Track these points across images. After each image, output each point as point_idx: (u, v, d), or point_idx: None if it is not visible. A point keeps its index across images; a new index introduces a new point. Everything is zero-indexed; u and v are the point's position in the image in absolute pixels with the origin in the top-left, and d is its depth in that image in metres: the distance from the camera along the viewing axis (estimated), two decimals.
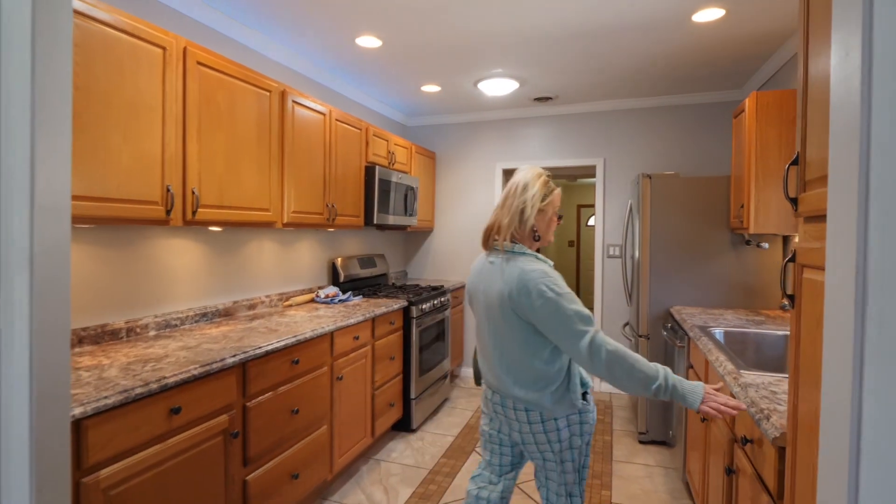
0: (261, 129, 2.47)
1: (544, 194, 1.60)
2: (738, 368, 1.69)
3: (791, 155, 2.67)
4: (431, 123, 4.93)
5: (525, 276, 1.46)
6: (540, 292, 1.43)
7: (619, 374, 1.38)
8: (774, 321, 2.67)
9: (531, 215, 1.57)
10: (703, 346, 2.09)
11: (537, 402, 1.51)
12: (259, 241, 2.96)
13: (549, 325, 1.42)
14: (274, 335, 2.23)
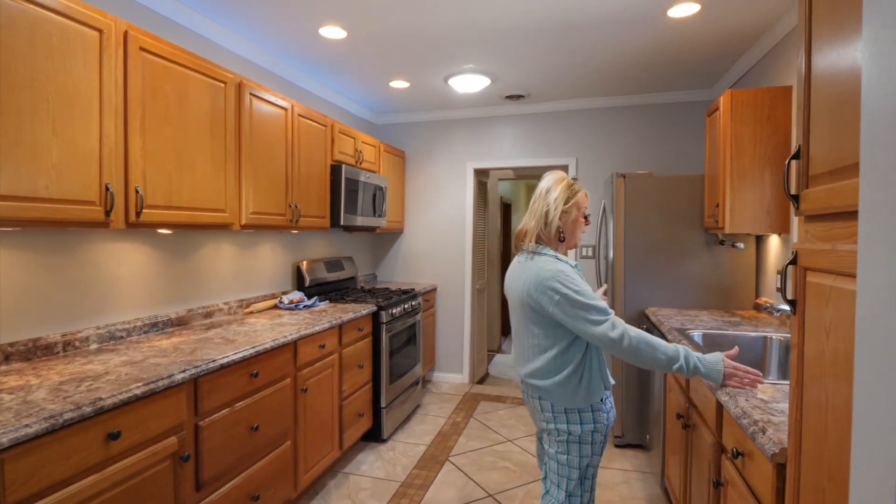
0: (215, 123, 2.28)
1: (567, 197, 1.67)
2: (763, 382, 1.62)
3: (766, 154, 2.65)
4: (400, 121, 4.78)
5: (541, 275, 1.57)
6: (554, 289, 1.53)
7: (645, 355, 1.48)
8: (749, 322, 2.65)
9: (555, 217, 1.65)
10: None
11: (549, 392, 1.60)
12: (216, 245, 2.76)
13: (569, 318, 1.52)
14: (230, 346, 2.05)
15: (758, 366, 2.31)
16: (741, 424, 1.29)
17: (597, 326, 1.49)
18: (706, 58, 3.21)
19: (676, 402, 2.22)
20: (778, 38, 2.78)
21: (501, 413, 3.91)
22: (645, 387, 3.17)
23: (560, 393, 1.58)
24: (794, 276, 1.03)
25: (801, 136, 1.02)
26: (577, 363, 1.57)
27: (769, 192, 2.66)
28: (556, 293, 1.52)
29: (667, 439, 2.42)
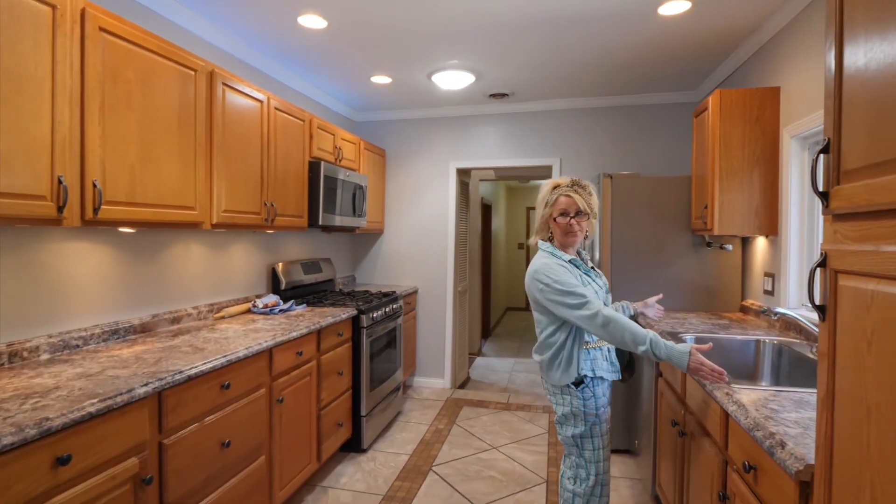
0: (184, 114, 2.12)
1: (546, 200, 1.91)
2: (727, 383, 1.55)
3: (755, 155, 2.62)
4: (381, 119, 4.64)
5: (531, 269, 1.86)
6: (540, 280, 1.80)
7: (615, 332, 1.64)
8: (738, 324, 2.61)
9: (538, 217, 1.95)
10: None
11: (542, 368, 1.91)
12: (184, 245, 2.58)
13: (553, 304, 1.76)
14: (199, 355, 1.89)
15: (750, 370, 2.26)
16: (755, 437, 1.22)
17: (574, 310, 1.71)
18: (693, 58, 3.18)
19: (670, 408, 2.15)
20: (764, 39, 2.75)
21: (485, 419, 3.81)
22: (633, 391, 3.11)
23: (547, 369, 1.88)
24: (823, 279, 0.95)
25: (830, 128, 0.94)
26: (559, 345, 1.83)
27: (757, 194, 2.63)
28: (541, 283, 1.79)
29: (659, 446, 2.36)
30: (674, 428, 2.05)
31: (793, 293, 2.47)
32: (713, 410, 1.59)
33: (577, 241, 1.89)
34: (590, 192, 1.90)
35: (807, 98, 2.34)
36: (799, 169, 2.45)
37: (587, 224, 1.89)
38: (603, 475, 1.90)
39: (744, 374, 2.25)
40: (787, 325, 2.40)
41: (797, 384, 1.97)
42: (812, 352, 1.94)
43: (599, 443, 1.88)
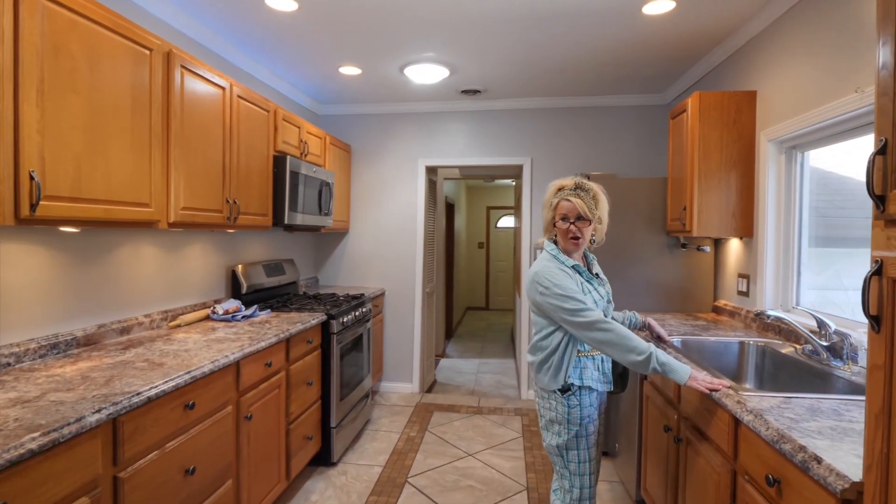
0: (138, 98, 1.88)
1: (550, 202, 1.88)
2: (735, 390, 1.50)
3: (732, 158, 2.64)
4: (346, 113, 4.44)
5: (532, 271, 1.82)
6: (539, 282, 1.76)
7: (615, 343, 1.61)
8: (718, 325, 2.63)
9: (544, 219, 1.92)
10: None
11: (535, 368, 1.85)
12: (134, 246, 2.32)
13: (551, 307, 1.72)
14: (158, 371, 1.67)
15: (734, 372, 2.27)
16: (781, 450, 1.16)
17: (572, 315, 1.67)
18: (669, 60, 3.19)
19: (661, 413, 2.11)
20: (739, 44, 2.79)
21: (457, 424, 3.70)
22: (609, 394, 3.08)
23: (537, 371, 1.84)
24: (880, 289, 0.89)
25: (887, 128, 0.88)
26: (552, 349, 1.79)
27: (734, 196, 2.65)
28: (541, 286, 1.74)
29: (646, 450, 2.32)
30: (666, 433, 2.01)
31: (769, 294, 2.50)
32: (719, 419, 1.54)
33: (579, 247, 1.81)
34: (594, 196, 1.82)
35: (784, 102, 2.37)
36: (776, 172, 2.49)
37: (592, 229, 1.81)
38: (589, 489, 1.83)
39: (728, 376, 2.25)
40: (766, 326, 2.42)
41: (784, 386, 1.97)
42: (801, 353, 1.95)
43: (585, 455, 1.81)
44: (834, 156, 2.33)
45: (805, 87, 2.22)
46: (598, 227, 1.85)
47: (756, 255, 2.60)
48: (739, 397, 1.44)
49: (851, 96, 1.87)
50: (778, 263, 2.49)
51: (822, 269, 2.30)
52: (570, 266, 1.79)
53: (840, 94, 1.96)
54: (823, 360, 1.82)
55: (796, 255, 2.44)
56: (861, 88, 1.81)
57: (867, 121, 1.87)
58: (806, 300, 2.41)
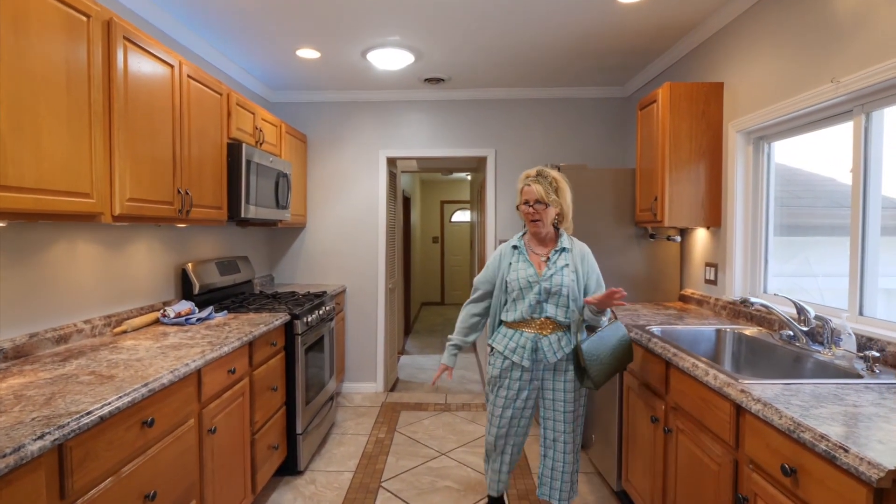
0: (75, 71, 1.63)
1: (518, 189, 2.09)
2: (734, 378, 1.49)
3: (701, 148, 2.68)
4: (301, 100, 4.19)
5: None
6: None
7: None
8: (689, 314, 2.67)
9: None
10: (663, 351, 1.89)
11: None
12: (70, 243, 2.04)
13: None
14: (109, 385, 1.45)
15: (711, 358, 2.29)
16: (800, 439, 1.14)
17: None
18: (636, 50, 3.20)
19: (645, 403, 2.10)
20: (706, 35, 2.83)
21: (427, 423, 3.59)
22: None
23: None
24: None
25: None
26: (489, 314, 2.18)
27: (703, 186, 2.69)
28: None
29: (628, 442, 2.31)
30: (654, 424, 1.99)
31: (738, 282, 2.56)
32: (718, 408, 1.52)
33: (539, 228, 2.02)
34: (552, 182, 2.02)
35: (752, 94, 2.42)
36: (744, 162, 2.54)
37: (550, 212, 2.00)
38: (494, 441, 2.11)
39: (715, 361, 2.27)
40: (736, 313, 2.48)
41: (765, 372, 2.01)
42: (779, 339, 1.99)
43: (494, 410, 2.09)
44: (785, 149, 2.41)
45: (773, 78, 2.27)
46: (562, 212, 2.03)
47: (724, 244, 2.65)
48: (742, 386, 1.42)
49: (825, 86, 1.92)
50: (746, 252, 2.55)
51: (789, 258, 2.37)
52: (512, 246, 2.10)
53: (812, 84, 2.00)
54: (803, 345, 1.86)
55: (763, 244, 2.51)
56: (836, 79, 1.85)
57: (842, 110, 1.92)
58: (772, 287, 2.48)
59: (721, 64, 2.70)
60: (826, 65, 1.94)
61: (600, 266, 3.15)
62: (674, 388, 1.85)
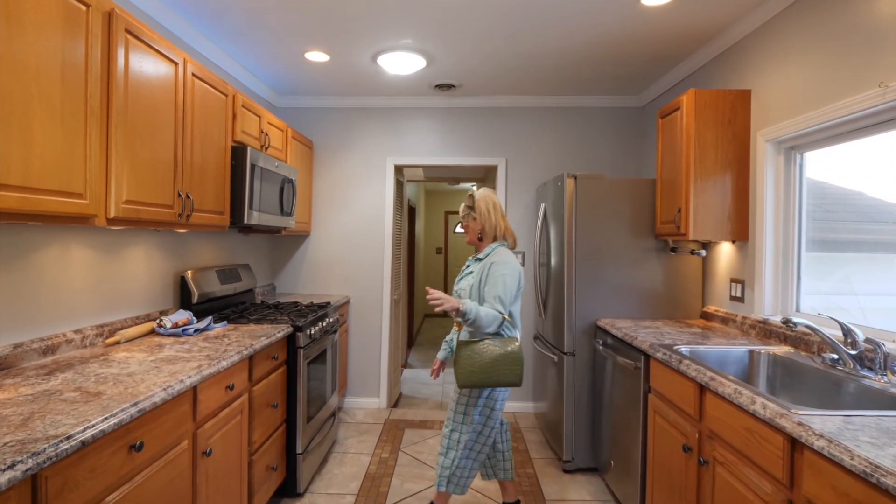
0: (71, 65, 1.51)
1: None
2: (786, 408, 1.34)
3: (727, 158, 2.56)
4: (308, 106, 4.09)
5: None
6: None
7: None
8: (714, 332, 2.52)
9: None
10: (697, 374, 1.75)
11: None
12: (62, 246, 1.91)
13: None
14: (95, 404, 1.31)
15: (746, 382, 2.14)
16: (881, 485, 1.00)
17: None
18: (654, 57, 3.10)
19: (677, 430, 1.95)
20: (731, 41, 2.72)
21: (432, 442, 3.43)
22: (597, 404, 2.93)
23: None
24: None
25: None
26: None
27: (730, 198, 2.57)
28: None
29: (653, 470, 2.16)
30: (686, 453, 1.84)
31: (768, 300, 2.42)
32: (767, 440, 1.38)
33: (469, 242, 2.37)
34: (471, 203, 2.32)
35: (782, 102, 2.31)
36: (774, 173, 2.42)
37: (472, 228, 2.33)
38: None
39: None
40: (768, 332, 2.33)
41: (805, 398, 1.86)
42: (821, 363, 1.84)
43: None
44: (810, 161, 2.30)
45: (807, 84, 2.15)
46: (483, 229, 2.31)
47: (752, 260, 2.51)
48: (799, 418, 1.27)
49: (870, 91, 1.80)
50: (777, 268, 2.42)
51: (825, 275, 2.23)
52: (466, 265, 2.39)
53: (854, 90, 1.89)
54: (850, 370, 1.72)
55: (795, 260, 2.37)
56: (885, 83, 1.73)
57: (889, 117, 1.80)
58: (805, 306, 2.34)
59: (747, 70, 2.59)
60: (871, 69, 1.82)
61: (614, 280, 3.02)
62: (710, 415, 1.70)
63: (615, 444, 2.63)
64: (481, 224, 2.29)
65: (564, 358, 3.01)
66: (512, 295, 2.13)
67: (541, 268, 3.56)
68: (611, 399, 2.72)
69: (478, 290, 2.16)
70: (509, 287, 2.10)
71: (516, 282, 2.15)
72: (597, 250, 3.00)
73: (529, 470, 3.02)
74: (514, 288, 2.14)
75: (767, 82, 2.42)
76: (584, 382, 3.01)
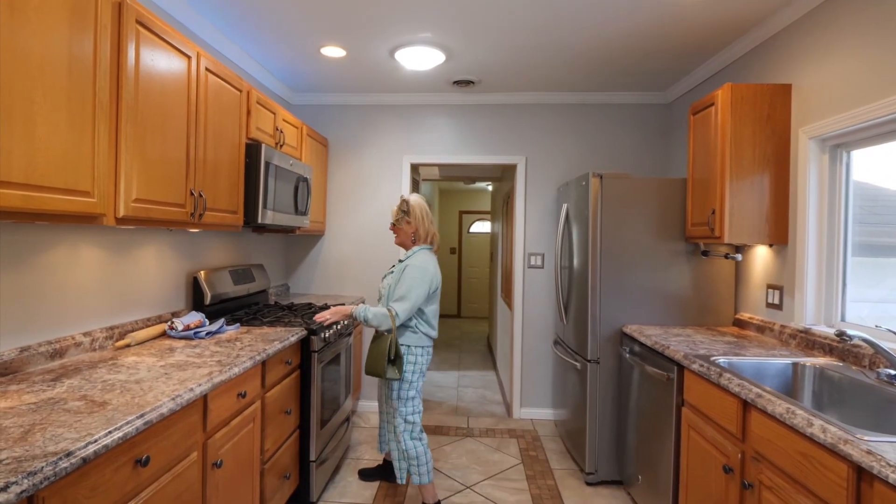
0: (79, 55, 1.43)
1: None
2: (850, 432, 1.22)
3: (765, 156, 2.41)
4: (323, 103, 4.01)
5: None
6: None
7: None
8: (750, 341, 2.38)
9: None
10: (741, 390, 1.62)
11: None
12: (71, 246, 1.84)
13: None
14: (99, 415, 1.23)
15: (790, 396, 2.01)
16: None
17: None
18: (684, 51, 2.96)
19: (713, 447, 1.82)
20: (767, 34, 2.58)
21: (448, 449, 3.33)
22: (622, 414, 2.80)
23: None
24: None
25: None
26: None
27: (768, 199, 2.42)
28: None
29: (686, 488, 2.03)
30: (727, 474, 1.72)
31: (810, 308, 2.28)
32: (827, 467, 1.25)
33: (397, 244, 2.60)
34: (402, 207, 2.53)
35: (827, 96, 2.16)
36: (817, 173, 2.27)
37: (404, 231, 2.54)
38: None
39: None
40: (810, 343, 2.19)
41: (856, 417, 1.72)
42: (877, 378, 1.70)
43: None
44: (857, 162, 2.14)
45: (856, 78, 2.00)
46: (416, 231, 2.52)
47: (793, 264, 2.37)
48: (867, 445, 1.15)
49: None
50: (820, 274, 2.27)
51: (877, 281, 2.08)
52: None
53: None
54: None
55: (841, 265, 2.22)
56: None
57: None
58: (851, 315, 2.19)
59: (786, 64, 2.44)
60: None
61: (641, 284, 2.88)
62: (755, 434, 1.58)
63: (643, 457, 2.51)
64: (415, 227, 2.51)
65: (588, 365, 2.88)
66: (420, 295, 2.38)
67: (562, 270, 3.43)
68: (638, 410, 2.59)
69: (394, 288, 2.44)
70: (414, 288, 2.36)
71: (426, 283, 2.39)
72: (622, 253, 2.87)
73: (550, 481, 2.90)
74: (424, 289, 2.38)
75: (810, 76, 2.28)
76: (608, 391, 2.89)
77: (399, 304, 2.35)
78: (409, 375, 2.44)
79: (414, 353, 2.44)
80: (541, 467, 3.09)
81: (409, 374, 2.44)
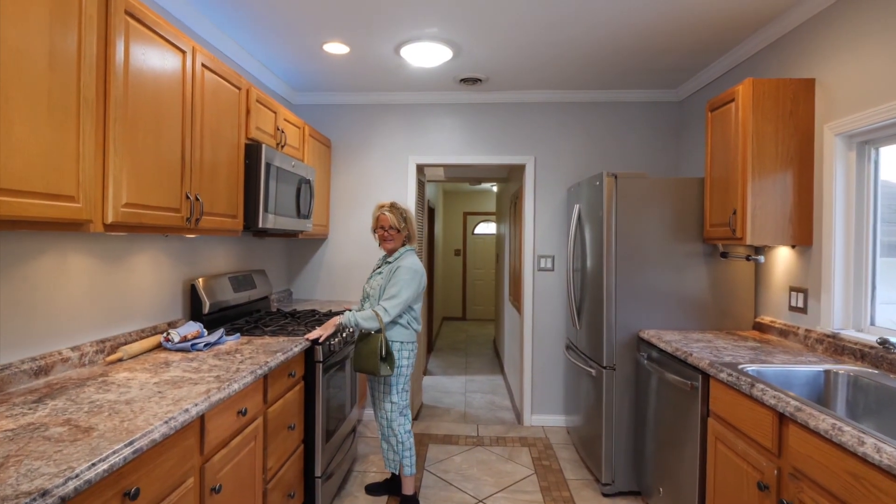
0: (61, 47, 1.33)
1: (374, 215, 2.65)
2: None
3: (788, 154, 2.30)
4: (326, 102, 3.91)
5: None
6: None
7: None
8: (773, 346, 2.26)
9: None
10: (777, 402, 1.50)
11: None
12: (59, 255, 1.74)
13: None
14: (83, 444, 1.12)
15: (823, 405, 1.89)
16: None
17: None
18: (697, 47, 2.85)
19: (744, 461, 1.71)
20: (787, 28, 2.47)
21: (458, 459, 3.21)
22: (640, 423, 2.68)
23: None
24: None
25: None
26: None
27: (791, 198, 2.31)
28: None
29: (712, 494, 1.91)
30: (761, 492, 1.60)
31: (837, 311, 2.16)
32: (883, 491, 1.14)
33: (388, 247, 2.60)
34: (402, 214, 2.59)
35: (854, 91, 2.05)
36: (844, 170, 2.15)
37: (400, 235, 2.59)
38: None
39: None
40: (839, 349, 2.07)
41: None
42: None
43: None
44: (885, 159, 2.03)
45: (885, 72, 1.89)
46: (409, 235, 2.63)
47: (818, 266, 2.25)
48: None
49: None
50: (848, 276, 2.15)
51: None
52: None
53: None
54: None
55: (870, 267, 2.11)
56: None
57: None
58: (882, 318, 2.08)
59: (808, 58, 2.33)
60: None
61: (656, 287, 2.77)
62: (793, 450, 1.46)
63: (663, 468, 2.39)
64: (408, 232, 2.62)
65: (604, 372, 2.77)
66: (411, 295, 2.49)
67: (574, 273, 3.32)
68: (657, 419, 2.47)
69: (385, 288, 2.51)
70: (405, 288, 2.46)
71: (416, 283, 2.51)
72: (638, 255, 2.76)
73: (565, 493, 2.79)
74: (414, 289, 2.49)
75: (835, 70, 2.16)
76: (624, 399, 2.77)
77: (390, 303, 2.44)
78: (405, 370, 2.57)
79: (406, 347, 2.57)
80: (555, 478, 2.97)
81: (405, 367, 2.57)
